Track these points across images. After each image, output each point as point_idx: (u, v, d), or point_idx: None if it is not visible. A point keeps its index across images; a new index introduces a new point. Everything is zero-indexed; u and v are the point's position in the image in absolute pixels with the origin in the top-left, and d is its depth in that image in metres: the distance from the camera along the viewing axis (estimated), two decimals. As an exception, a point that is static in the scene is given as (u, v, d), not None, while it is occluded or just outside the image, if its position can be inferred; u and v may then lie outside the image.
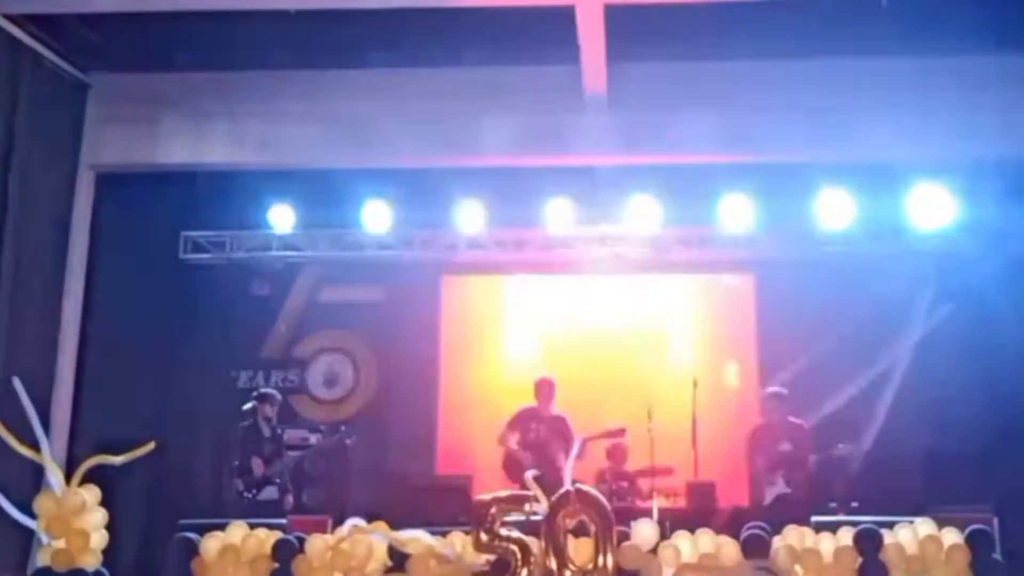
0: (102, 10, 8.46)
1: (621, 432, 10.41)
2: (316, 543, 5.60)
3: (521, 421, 10.33)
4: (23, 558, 5.94)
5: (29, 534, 5.73)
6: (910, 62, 9.43)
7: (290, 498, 9.94)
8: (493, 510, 5.24)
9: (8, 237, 8.52)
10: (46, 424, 5.86)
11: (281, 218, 10.91)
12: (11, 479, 5.97)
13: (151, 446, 5.91)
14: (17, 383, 5.70)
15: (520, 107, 9.78)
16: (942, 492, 8.80)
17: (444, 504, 9.38)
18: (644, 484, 10.19)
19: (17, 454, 5.66)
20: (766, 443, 9.63)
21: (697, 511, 9.55)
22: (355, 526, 5.60)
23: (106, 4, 8.38)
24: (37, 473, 5.79)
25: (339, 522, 5.87)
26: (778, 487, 9.42)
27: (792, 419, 9.75)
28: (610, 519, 5.14)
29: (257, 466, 9.73)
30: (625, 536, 5.36)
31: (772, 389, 9.83)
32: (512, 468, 9.99)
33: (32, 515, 5.64)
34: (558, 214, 10.54)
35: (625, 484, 10.34)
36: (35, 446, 5.66)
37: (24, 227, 8.70)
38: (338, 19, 8.57)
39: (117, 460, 5.76)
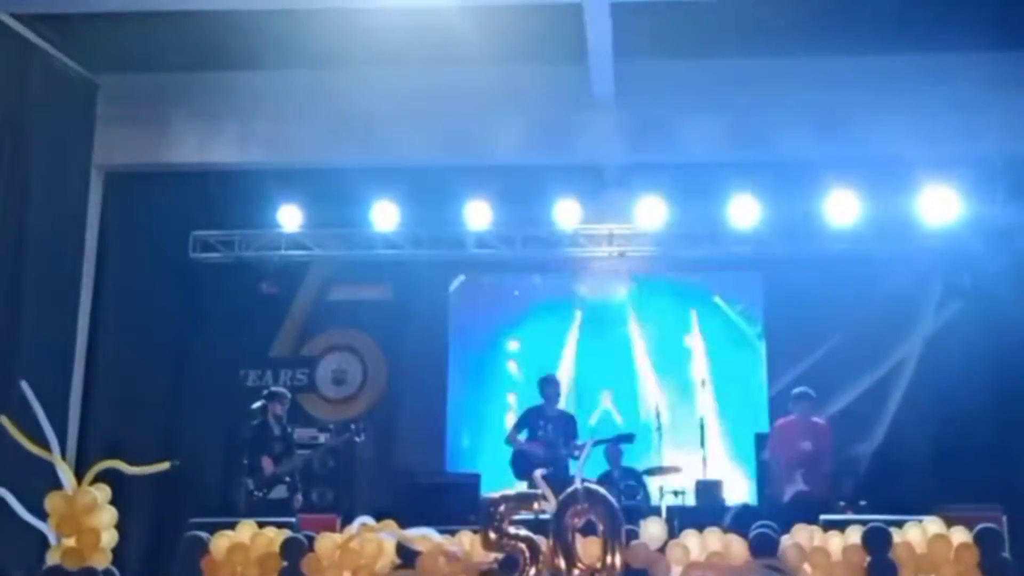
0: (111, 10, 8.49)
1: (630, 438, 10.41)
2: (325, 541, 5.60)
3: (529, 420, 10.34)
4: (39, 557, 5.95)
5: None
6: (917, 60, 9.44)
7: (299, 497, 9.93)
8: (501, 508, 5.23)
9: (20, 237, 8.55)
10: (62, 423, 5.88)
11: (290, 217, 10.93)
12: (25, 479, 5.99)
13: (166, 465, 5.94)
14: (25, 386, 5.72)
15: (528, 106, 9.81)
16: (951, 490, 8.79)
17: (453, 502, 9.40)
18: (653, 483, 10.22)
19: (32, 454, 5.68)
20: (788, 441, 9.65)
21: (705, 509, 9.59)
22: (364, 524, 5.59)
23: (115, 4, 8.40)
24: (51, 473, 5.81)
25: (348, 520, 5.87)
26: (797, 484, 9.45)
27: (815, 419, 9.78)
28: (618, 518, 5.13)
29: (267, 465, 9.73)
30: (633, 535, 5.36)
31: (800, 389, 9.85)
32: (520, 466, 10.00)
33: (44, 513, 5.66)
34: (565, 213, 10.55)
35: (633, 483, 10.36)
36: (46, 445, 5.68)
37: (35, 227, 8.72)
38: (345, 18, 8.58)
39: (128, 470, 5.79)
